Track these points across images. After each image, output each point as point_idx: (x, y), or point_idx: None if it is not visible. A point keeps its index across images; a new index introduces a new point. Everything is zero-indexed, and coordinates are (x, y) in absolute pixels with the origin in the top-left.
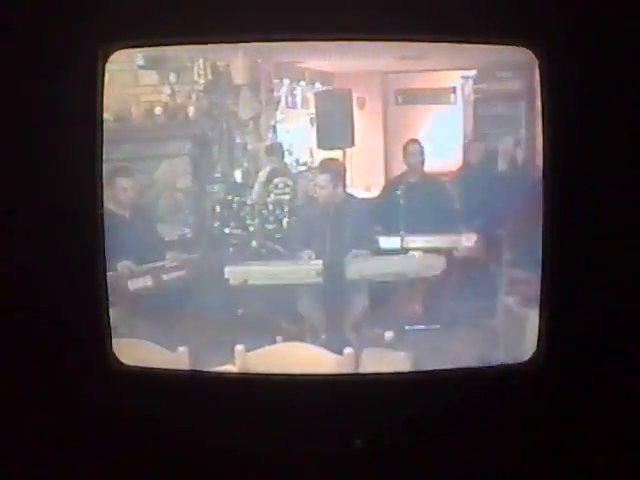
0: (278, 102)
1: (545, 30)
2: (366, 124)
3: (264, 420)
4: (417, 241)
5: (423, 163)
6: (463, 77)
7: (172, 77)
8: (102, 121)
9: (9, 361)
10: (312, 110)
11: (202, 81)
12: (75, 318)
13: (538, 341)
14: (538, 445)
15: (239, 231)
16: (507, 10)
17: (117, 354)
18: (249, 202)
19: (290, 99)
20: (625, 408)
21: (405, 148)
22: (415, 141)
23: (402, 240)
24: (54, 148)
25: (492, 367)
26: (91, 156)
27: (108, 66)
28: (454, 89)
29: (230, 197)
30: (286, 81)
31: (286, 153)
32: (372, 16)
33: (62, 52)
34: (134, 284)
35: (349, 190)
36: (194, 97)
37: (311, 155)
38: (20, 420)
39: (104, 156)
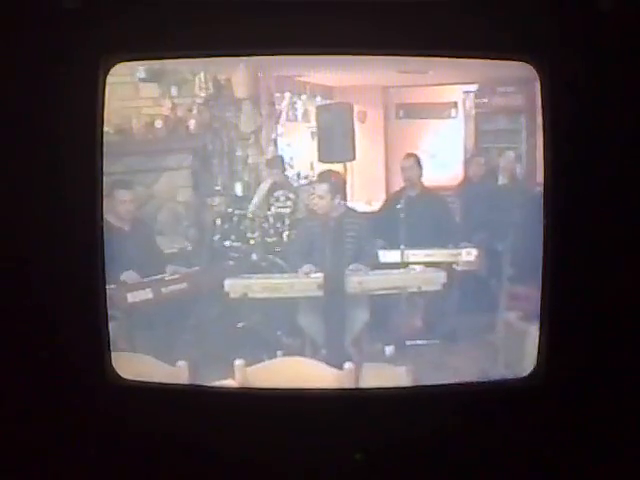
0: (279, 115)
1: (546, 45)
2: (367, 138)
3: (264, 435)
4: (417, 255)
5: (421, 177)
6: (464, 92)
7: (173, 90)
8: (103, 134)
9: (7, 374)
10: (313, 123)
11: (203, 94)
12: (74, 332)
13: (538, 356)
14: (538, 459)
15: (239, 244)
16: (508, 25)
17: (116, 368)
18: (249, 215)
19: (291, 112)
20: (625, 422)
21: (401, 163)
22: (410, 155)
23: (402, 254)
24: (54, 160)
25: (492, 382)
26: (91, 169)
27: (109, 79)
28: (455, 103)
29: (230, 210)
30: (287, 94)
31: (287, 166)
32: (374, 31)
33: (63, 64)
34: (134, 297)
35: (350, 204)
36: (195, 110)
37: (312, 168)
38: (18, 435)
39: (104, 169)
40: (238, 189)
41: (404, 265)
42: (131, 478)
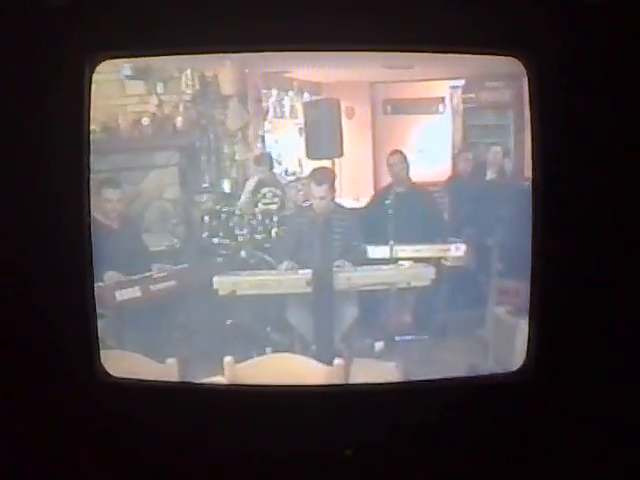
0: (266, 112)
1: (533, 40)
2: (355, 134)
3: (254, 431)
4: (406, 251)
5: (408, 173)
6: (452, 87)
7: (159, 87)
8: (89, 131)
9: None
10: (300, 120)
11: (190, 91)
12: (63, 330)
13: (527, 351)
14: (527, 454)
15: (228, 241)
16: (496, 20)
17: (105, 366)
18: (237, 212)
19: (278, 109)
20: (614, 416)
21: (387, 159)
22: (396, 152)
23: (391, 250)
24: (41, 159)
25: (482, 377)
26: (78, 167)
27: (95, 76)
28: (443, 99)
29: (218, 207)
30: (274, 91)
31: (275, 163)
32: (360, 26)
33: (49, 62)
34: (122, 295)
35: (338, 200)
36: (182, 107)
37: (300, 165)
38: (7, 432)
39: (91, 167)
40: (226, 186)
41: (393, 261)
42: (121, 476)
